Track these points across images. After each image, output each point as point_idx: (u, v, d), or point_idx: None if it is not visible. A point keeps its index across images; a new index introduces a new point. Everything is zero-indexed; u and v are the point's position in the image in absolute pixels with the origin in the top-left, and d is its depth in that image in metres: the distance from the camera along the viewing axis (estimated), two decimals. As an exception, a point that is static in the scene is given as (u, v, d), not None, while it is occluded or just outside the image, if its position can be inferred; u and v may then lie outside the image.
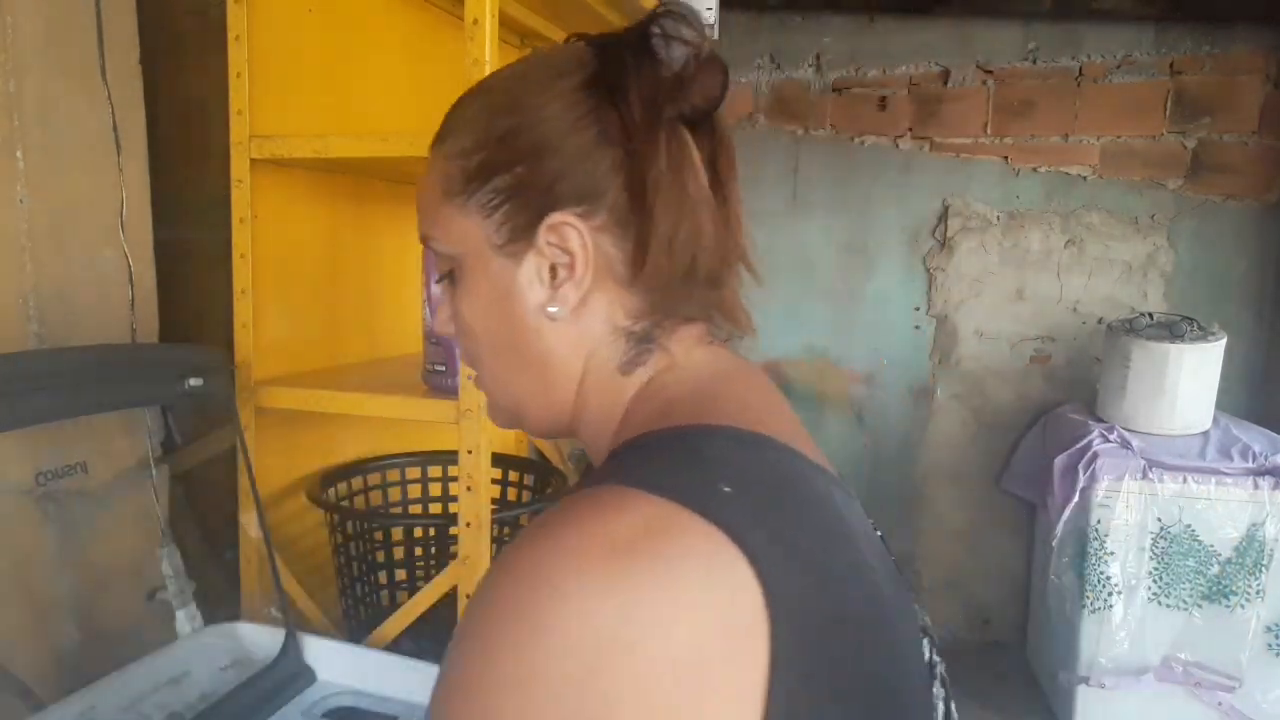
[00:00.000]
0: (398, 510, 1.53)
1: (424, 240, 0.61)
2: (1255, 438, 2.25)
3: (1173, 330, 2.32)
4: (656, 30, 0.54)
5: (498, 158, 0.56)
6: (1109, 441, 2.27)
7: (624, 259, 0.56)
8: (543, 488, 1.51)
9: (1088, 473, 2.21)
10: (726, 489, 0.43)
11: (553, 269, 0.56)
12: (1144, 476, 2.18)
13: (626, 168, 0.54)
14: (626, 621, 0.37)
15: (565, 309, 0.56)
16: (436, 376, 1.22)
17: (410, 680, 1.08)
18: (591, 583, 0.37)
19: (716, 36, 2.02)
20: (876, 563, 0.50)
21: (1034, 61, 2.69)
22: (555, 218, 0.54)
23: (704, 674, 0.37)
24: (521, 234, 0.56)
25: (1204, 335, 2.31)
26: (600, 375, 0.58)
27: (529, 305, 0.57)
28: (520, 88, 0.57)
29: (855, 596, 0.45)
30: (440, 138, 0.61)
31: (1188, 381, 2.28)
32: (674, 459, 0.47)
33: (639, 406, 0.57)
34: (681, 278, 0.56)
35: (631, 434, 0.53)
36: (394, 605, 1.26)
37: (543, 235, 0.55)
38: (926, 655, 0.52)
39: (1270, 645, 2.16)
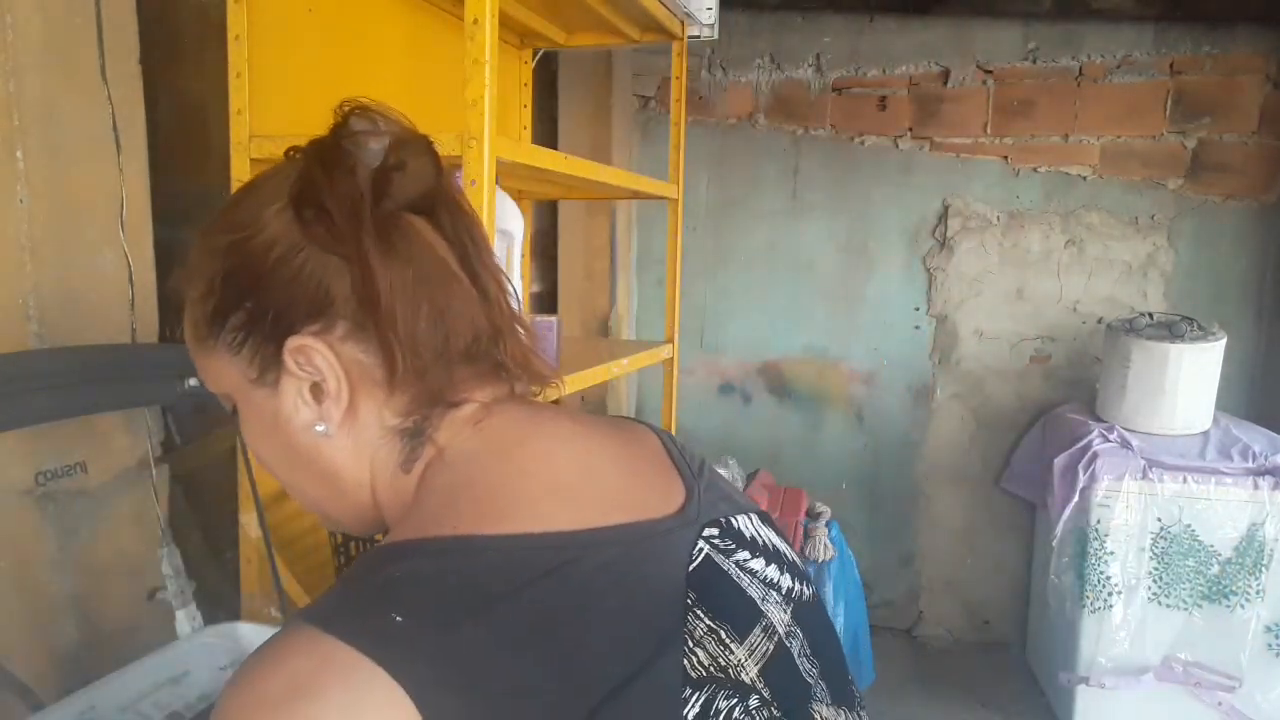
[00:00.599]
0: (398, 510, 1.54)
1: (200, 385, 0.63)
2: (1255, 438, 2.25)
3: (1173, 330, 2.32)
4: (345, 132, 0.55)
5: (226, 298, 0.57)
6: (1109, 441, 2.27)
7: (377, 362, 0.56)
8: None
9: (1088, 473, 2.21)
10: (399, 618, 0.45)
11: (314, 387, 0.57)
12: (1144, 476, 2.18)
13: (349, 275, 0.55)
14: None
15: (332, 425, 0.57)
16: (436, 376, 1.22)
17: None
18: None
19: (716, 36, 2.02)
20: (638, 633, 0.50)
21: (1034, 61, 2.69)
22: (294, 342, 0.55)
23: None
24: (271, 364, 0.57)
25: (1204, 335, 2.31)
26: (384, 477, 0.59)
27: (299, 427, 0.58)
28: (234, 223, 0.58)
29: (545, 702, 0.46)
30: (184, 284, 0.61)
31: (1187, 381, 2.28)
32: (360, 588, 0.49)
33: (404, 516, 0.58)
34: (434, 365, 0.56)
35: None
36: (394, 605, 1.26)
37: (289, 360, 0.56)
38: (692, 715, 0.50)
39: (1270, 645, 2.16)
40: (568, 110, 2.66)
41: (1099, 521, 2.20)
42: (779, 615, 0.58)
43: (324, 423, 0.57)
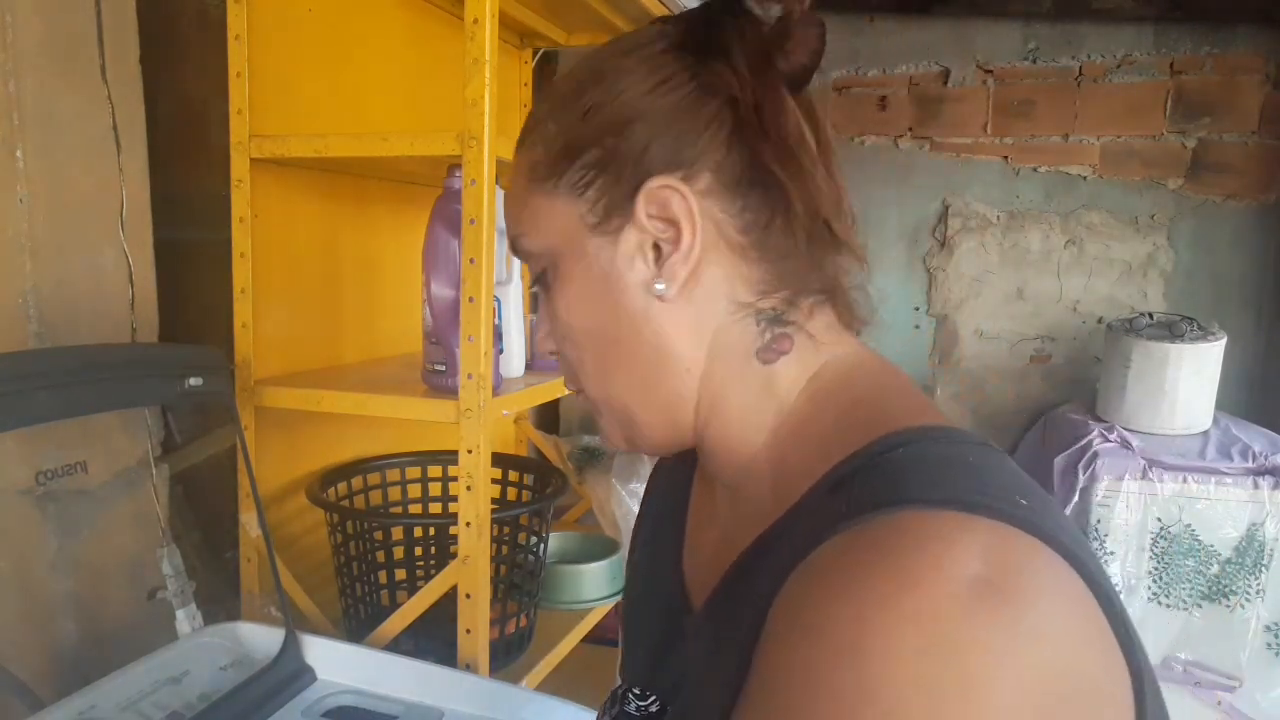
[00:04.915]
0: (398, 510, 1.53)
1: (515, 247, 0.58)
2: (1255, 438, 2.25)
3: (1173, 330, 2.32)
4: None
5: (583, 134, 0.53)
6: (1109, 441, 2.27)
7: (738, 225, 0.51)
8: (543, 488, 1.51)
9: (1088, 473, 2.21)
10: (1021, 500, 0.40)
11: (655, 246, 0.52)
12: (1144, 476, 2.18)
13: (734, 126, 0.51)
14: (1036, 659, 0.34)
15: (674, 285, 0.51)
16: (436, 376, 1.22)
17: (410, 680, 1.07)
18: (996, 628, 0.34)
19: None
20: None
21: (1034, 61, 2.69)
22: (654, 183, 0.50)
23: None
24: (617, 209, 0.52)
25: (1204, 335, 2.31)
26: (732, 363, 0.53)
27: (631, 286, 0.52)
28: (599, 64, 0.54)
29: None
30: (525, 132, 0.57)
31: (1188, 381, 2.28)
32: (956, 472, 0.42)
33: (817, 409, 0.52)
34: (807, 245, 0.52)
35: (831, 444, 0.48)
36: (394, 605, 1.26)
37: (641, 207, 0.51)
38: None
39: (1270, 645, 2.16)
40: (568, 110, 2.66)
41: (1099, 521, 2.20)
42: None
43: (664, 281, 0.51)
